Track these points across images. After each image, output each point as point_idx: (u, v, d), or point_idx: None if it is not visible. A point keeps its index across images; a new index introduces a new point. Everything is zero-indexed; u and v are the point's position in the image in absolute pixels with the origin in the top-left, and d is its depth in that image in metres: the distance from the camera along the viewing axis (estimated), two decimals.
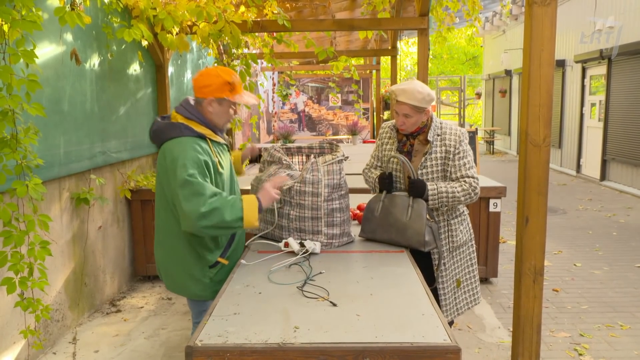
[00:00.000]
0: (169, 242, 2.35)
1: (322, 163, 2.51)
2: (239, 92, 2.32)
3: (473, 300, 2.85)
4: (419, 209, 2.49)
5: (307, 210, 2.50)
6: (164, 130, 2.27)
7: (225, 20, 4.27)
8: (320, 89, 14.10)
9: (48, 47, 3.41)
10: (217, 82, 2.25)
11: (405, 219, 2.50)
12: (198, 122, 2.29)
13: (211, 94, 2.26)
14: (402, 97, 2.50)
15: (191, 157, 2.16)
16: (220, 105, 2.29)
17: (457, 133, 2.62)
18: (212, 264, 2.36)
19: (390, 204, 2.59)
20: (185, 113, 2.29)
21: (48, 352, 3.45)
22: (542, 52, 2.15)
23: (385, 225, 2.56)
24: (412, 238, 2.48)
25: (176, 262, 2.36)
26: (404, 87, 2.52)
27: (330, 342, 1.53)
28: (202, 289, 2.38)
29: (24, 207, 2.77)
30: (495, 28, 16.42)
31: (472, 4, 6.37)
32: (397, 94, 2.53)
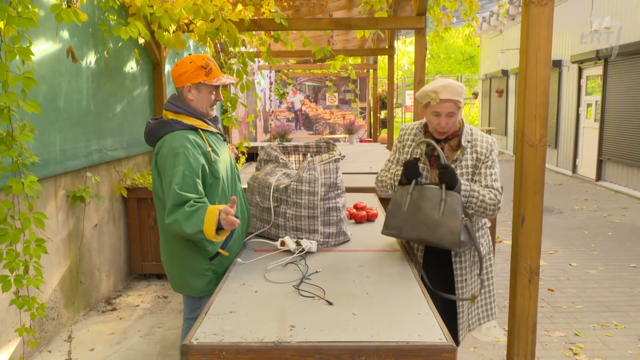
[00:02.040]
0: (169, 240, 2.37)
1: (319, 162, 2.52)
2: (215, 75, 2.32)
3: (487, 315, 2.64)
4: (453, 204, 2.21)
5: (303, 209, 2.49)
6: (156, 129, 2.30)
7: (223, 19, 4.26)
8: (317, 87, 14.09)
9: (44, 45, 3.40)
10: (191, 68, 2.28)
11: (438, 215, 2.22)
12: (187, 114, 2.30)
13: (188, 80, 2.28)
14: (445, 93, 2.26)
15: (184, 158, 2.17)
16: (199, 91, 2.31)
17: (488, 141, 2.42)
18: (212, 256, 2.35)
19: (419, 197, 2.29)
20: (173, 108, 2.32)
21: (43, 350, 3.44)
22: (539, 52, 2.15)
23: (414, 221, 2.28)
24: (444, 237, 2.21)
25: (178, 261, 2.38)
26: (444, 84, 2.30)
27: (326, 341, 1.53)
28: (206, 283, 2.37)
29: (19, 204, 2.76)
30: (492, 28, 16.44)
31: (470, 4, 6.37)
32: (438, 91, 2.28)
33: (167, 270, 2.48)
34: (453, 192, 2.24)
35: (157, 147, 2.28)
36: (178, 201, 2.12)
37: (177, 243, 2.34)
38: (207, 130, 2.36)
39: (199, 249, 2.33)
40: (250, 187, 2.73)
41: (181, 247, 2.34)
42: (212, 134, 2.41)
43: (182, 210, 2.10)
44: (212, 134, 2.41)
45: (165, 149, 2.22)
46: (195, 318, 2.47)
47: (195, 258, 2.34)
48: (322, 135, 13.47)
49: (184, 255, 2.35)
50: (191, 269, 2.36)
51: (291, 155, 2.94)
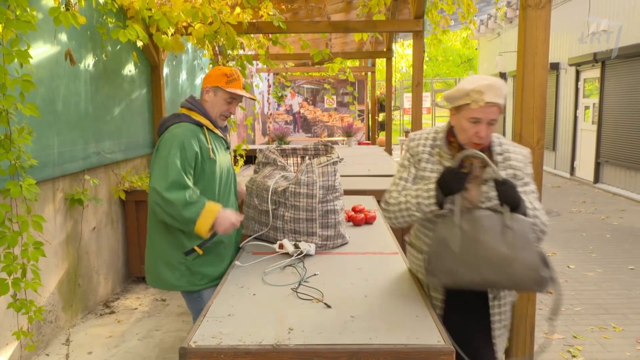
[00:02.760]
0: (152, 230, 2.42)
1: (317, 165, 2.52)
2: (234, 86, 2.43)
3: None
4: (522, 230, 1.75)
5: (301, 212, 2.50)
6: (167, 120, 2.44)
7: (221, 22, 4.26)
8: (316, 90, 14.11)
9: (42, 47, 3.40)
10: (217, 73, 2.44)
11: (506, 249, 1.73)
12: (198, 112, 2.42)
13: (209, 82, 2.44)
14: (491, 95, 1.79)
15: (181, 142, 2.27)
16: (215, 94, 2.43)
17: (522, 152, 1.99)
18: (187, 251, 2.35)
19: (474, 228, 1.78)
20: (187, 105, 2.45)
21: (41, 353, 3.43)
22: (536, 55, 2.16)
23: (473, 261, 1.77)
24: (521, 276, 1.74)
25: (154, 251, 2.41)
26: (490, 83, 1.81)
27: (325, 344, 1.53)
28: (177, 277, 2.37)
29: (17, 207, 2.76)
30: (490, 31, 16.49)
31: (467, 7, 6.40)
32: (483, 91, 1.79)
33: (145, 262, 2.50)
34: (518, 214, 1.78)
35: (162, 134, 2.39)
36: (181, 181, 2.21)
37: (158, 233, 2.38)
38: (212, 131, 2.45)
39: (176, 242, 2.36)
40: (248, 189, 2.73)
41: (159, 237, 2.38)
42: (217, 137, 2.48)
43: (183, 195, 2.19)
44: (217, 137, 2.48)
45: (167, 134, 2.33)
46: None
47: (170, 250, 2.37)
48: (321, 137, 13.47)
49: (161, 246, 2.38)
50: (165, 260, 2.38)
51: (289, 158, 2.94)
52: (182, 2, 4.15)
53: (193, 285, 2.38)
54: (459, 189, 1.81)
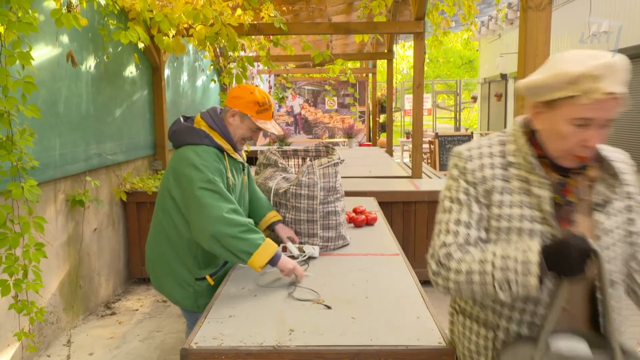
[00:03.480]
0: (161, 245, 2.29)
1: (318, 166, 2.52)
2: (264, 118, 2.27)
3: None
4: None
5: (302, 213, 2.50)
6: (185, 132, 2.23)
7: (222, 23, 4.27)
8: (317, 92, 14.11)
9: (44, 49, 3.41)
10: (249, 98, 2.24)
11: None
12: (220, 134, 2.24)
13: (238, 106, 2.24)
14: (612, 82, 1.18)
15: (213, 166, 2.13)
16: (242, 121, 2.26)
17: (623, 159, 1.40)
18: (199, 278, 2.28)
19: None
20: (209, 121, 2.25)
21: (42, 354, 3.43)
22: (537, 57, 2.16)
23: None
24: None
25: (164, 265, 2.30)
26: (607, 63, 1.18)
27: (326, 345, 1.53)
28: (183, 296, 2.29)
29: (19, 209, 2.76)
30: (491, 32, 16.49)
31: (468, 8, 6.40)
32: (600, 75, 1.16)
33: (150, 263, 2.38)
34: None
35: (180, 153, 2.19)
36: (225, 194, 2.08)
37: (172, 251, 2.26)
38: (231, 157, 2.29)
39: (189, 265, 2.26)
40: None
41: (173, 255, 2.27)
42: (235, 162, 2.34)
43: (242, 223, 2.04)
44: (234, 162, 2.34)
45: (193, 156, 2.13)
46: None
47: (182, 270, 2.27)
48: (322, 139, 13.49)
49: (172, 263, 2.27)
50: (175, 277, 2.28)
51: (290, 160, 2.94)
52: (183, 3, 4.16)
53: (197, 307, 2.29)
54: (579, 269, 1.16)
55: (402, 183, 5.05)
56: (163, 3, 4.28)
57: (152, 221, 2.37)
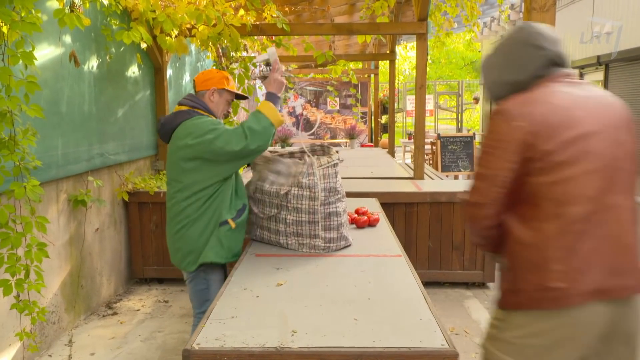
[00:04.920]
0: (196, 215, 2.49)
1: (318, 166, 2.52)
2: (232, 88, 2.68)
3: None
4: None
5: (304, 214, 2.50)
6: (173, 118, 2.52)
7: (225, 24, 4.27)
8: (319, 92, 14.12)
9: (47, 49, 3.41)
10: (218, 76, 2.62)
11: None
12: (203, 110, 2.56)
13: (213, 84, 2.59)
14: None
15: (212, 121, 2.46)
16: (220, 96, 2.62)
17: None
18: (222, 222, 2.50)
19: None
20: (190, 103, 2.56)
21: (44, 354, 3.43)
22: None
23: None
24: None
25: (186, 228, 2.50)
26: None
27: (328, 347, 1.53)
28: (209, 248, 2.50)
29: (21, 208, 2.77)
30: (493, 33, 16.46)
31: (471, 10, 6.40)
32: None
33: (175, 248, 2.58)
34: None
35: (178, 132, 2.46)
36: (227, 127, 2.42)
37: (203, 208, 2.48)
38: None
39: (217, 214, 2.49)
40: (247, 194, 2.73)
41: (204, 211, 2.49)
42: None
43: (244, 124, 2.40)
44: None
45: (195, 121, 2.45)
46: (204, 311, 2.49)
47: (209, 221, 2.49)
48: (323, 139, 13.48)
49: (199, 224, 2.49)
50: (203, 232, 2.49)
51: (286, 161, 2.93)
52: (186, 4, 4.17)
53: (222, 258, 2.52)
54: None
55: (404, 184, 5.04)
56: (166, 3, 4.29)
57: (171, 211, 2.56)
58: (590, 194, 1.53)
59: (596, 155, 1.54)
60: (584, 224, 1.52)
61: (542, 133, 1.54)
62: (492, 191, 1.61)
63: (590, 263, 1.52)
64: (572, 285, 1.51)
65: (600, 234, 1.54)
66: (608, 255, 1.54)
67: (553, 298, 1.52)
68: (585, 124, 1.56)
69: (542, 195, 1.56)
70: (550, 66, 1.68)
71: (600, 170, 1.54)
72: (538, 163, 1.55)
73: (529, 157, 1.55)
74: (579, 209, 1.52)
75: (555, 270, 1.53)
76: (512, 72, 1.69)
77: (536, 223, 1.57)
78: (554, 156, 1.54)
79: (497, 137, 1.60)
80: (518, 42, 1.69)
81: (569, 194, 1.53)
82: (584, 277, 1.51)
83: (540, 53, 1.67)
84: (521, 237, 1.59)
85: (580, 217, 1.53)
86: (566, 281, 1.51)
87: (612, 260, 1.54)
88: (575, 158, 1.53)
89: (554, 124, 1.54)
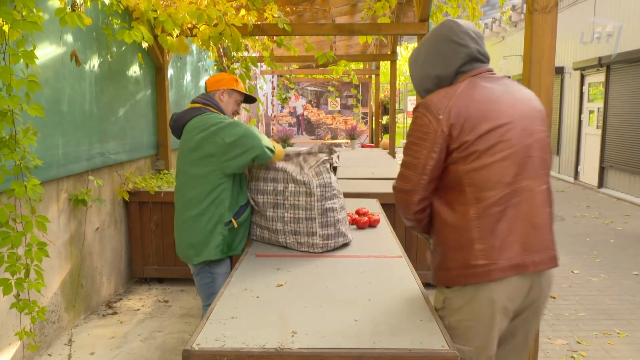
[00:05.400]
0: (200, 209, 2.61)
1: (308, 169, 2.58)
2: (243, 89, 2.85)
3: None
4: None
5: (301, 211, 2.52)
6: (185, 114, 2.70)
7: (226, 23, 4.27)
8: (320, 92, 14.11)
9: (48, 48, 3.41)
10: (228, 77, 2.81)
11: None
12: (215, 108, 2.72)
13: (224, 85, 2.77)
14: None
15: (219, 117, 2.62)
16: (230, 96, 2.78)
17: None
18: (226, 222, 2.63)
19: None
20: (202, 101, 2.73)
21: (43, 353, 3.43)
22: (542, 60, 2.15)
23: None
24: None
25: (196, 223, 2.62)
26: None
27: (328, 347, 1.53)
28: (215, 246, 2.63)
29: (21, 207, 2.76)
30: (494, 34, 16.47)
31: (472, 11, 6.39)
32: None
33: (181, 240, 2.71)
34: None
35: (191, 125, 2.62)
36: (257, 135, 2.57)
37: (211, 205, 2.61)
38: None
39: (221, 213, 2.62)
40: None
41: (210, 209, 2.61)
42: None
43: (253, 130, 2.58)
44: None
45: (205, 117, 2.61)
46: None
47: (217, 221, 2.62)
48: (324, 140, 13.48)
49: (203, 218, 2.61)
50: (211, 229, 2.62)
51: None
52: (188, 3, 4.16)
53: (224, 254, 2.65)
54: None
55: None
56: (167, 3, 4.29)
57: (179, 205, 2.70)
58: (505, 180, 1.69)
59: (509, 144, 1.69)
60: (500, 207, 1.68)
61: (462, 125, 1.68)
62: (420, 179, 1.76)
63: (507, 242, 1.69)
64: (493, 262, 1.68)
65: (515, 215, 1.70)
66: (522, 234, 1.70)
67: (477, 274, 1.69)
68: (501, 116, 1.71)
69: (464, 182, 1.70)
70: (472, 62, 1.80)
71: (514, 157, 1.69)
72: (459, 152, 1.70)
73: (451, 147, 1.70)
74: (496, 193, 1.68)
75: (477, 249, 1.69)
76: (437, 66, 1.81)
77: (461, 207, 1.72)
78: (473, 146, 1.68)
79: (422, 128, 1.74)
80: (442, 39, 1.81)
81: (487, 180, 1.68)
82: (502, 255, 1.68)
83: (462, 50, 1.78)
84: (448, 219, 1.75)
85: (497, 200, 1.68)
86: (487, 258, 1.68)
87: (526, 239, 1.71)
88: (491, 148, 1.68)
89: (473, 116, 1.69)
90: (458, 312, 1.77)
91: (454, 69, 1.80)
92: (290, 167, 2.61)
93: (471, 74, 1.79)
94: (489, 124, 1.70)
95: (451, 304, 1.79)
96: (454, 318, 1.78)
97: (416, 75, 1.91)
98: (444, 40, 1.81)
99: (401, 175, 1.82)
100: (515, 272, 1.70)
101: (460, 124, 1.69)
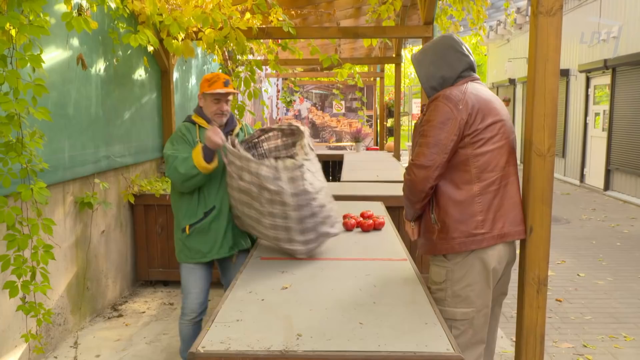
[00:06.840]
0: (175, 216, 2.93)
1: (283, 169, 2.39)
2: (214, 87, 2.78)
3: None
4: None
5: (278, 219, 2.41)
6: None
7: (231, 27, 4.28)
8: (324, 95, 14.12)
9: (55, 52, 3.43)
10: (202, 82, 2.87)
11: None
12: (197, 114, 2.87)
13: (200, 91, 2.86)
14: None
15: (177, 135, 2.81)
16: (205, 99, 2.83)
17: None
18: (182, 228, 2.85)
19: None
20: (194, 108, 2.95)
21: (49, 356, 3.44)
22: (547, 62, 2.15)
23: None
24: None
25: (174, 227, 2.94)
26: None
27: (333, 350, 1.53)
28: (178, 250, 2.91)
29: (28, 210, 2.78)
30: (499, 37, 16.45)
31: (477, 13, 6.38)
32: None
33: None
34: None
35: None
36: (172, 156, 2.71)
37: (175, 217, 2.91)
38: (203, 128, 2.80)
39: (179, 219, 2.88)
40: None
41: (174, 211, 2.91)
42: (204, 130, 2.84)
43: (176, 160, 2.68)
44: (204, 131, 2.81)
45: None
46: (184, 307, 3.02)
47: (177, 230, 2.89)
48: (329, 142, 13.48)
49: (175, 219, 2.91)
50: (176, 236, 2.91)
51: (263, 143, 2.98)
52: (193, 7, 4.18)
53: (187, 257, 2.87)
54: None
55: None
56: (173, 7, 4.30)
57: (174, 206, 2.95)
58: (500, 165, 2.12)
59: (504, 136, 2.15)
60: (496, 186, 2.11)
61: (475, 116, 2.08)
62: (442, 157, 2.07)
63: (498, 215, 2.11)
64: (488, 231, 2.09)
65: (504, 195, 2.13)
66: (507, 209, 2.14)
67: (476, 241, 2.09)
68: (499, 113, 2.16)
69: (471, 163, 2.10)
70: (469, 70, 2.23)
71: (505, 147, 2.15)
72: (471, 138, 2.09)
73: (465, 133, 2.08)
74: (493, 175, 2.11)
75: (479, 220, 2.09)
76: (443, 69, 2.21)
77: (466, 185, 2.10)
78: (482, 134, 2.09)
79: (445, 115, 2.07)
80: (449, 48, 2.22)
81: (488, 164, 2.10)
82: (494, 225, 2.11)
83: (465, 58, 2.22)
84: (453, 196, 2.11)
85: (494, 181, 2.11)
86: (485, 228, 2.09)
87: (510, 214, 2.15)
88: (493, 137, 2.11)
89: (482, 110, 2.10)
90: (461, 280, 2.12)
91: (457, 72, 2.20)
92: (264, 171, 2.39)
93: (469, 79, 2.20)
94: (493, 118, 2.12)
95: (453, 275, 2.14)
96: (457, 286, 2.13)
97: (424, 74, 2.28)
98: (450, 49, 2.22)
99: (422, 153, 2.10)
100: (502, 240, 2.12)
101: (474, 114, 2.08)
